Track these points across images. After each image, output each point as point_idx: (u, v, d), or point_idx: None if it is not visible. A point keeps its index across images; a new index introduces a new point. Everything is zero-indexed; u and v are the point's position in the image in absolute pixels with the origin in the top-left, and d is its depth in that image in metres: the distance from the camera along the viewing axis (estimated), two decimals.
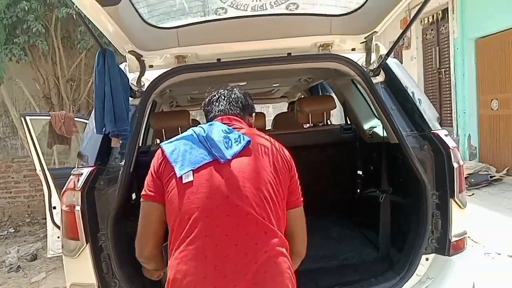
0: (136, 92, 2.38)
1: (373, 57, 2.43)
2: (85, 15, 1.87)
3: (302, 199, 1.65)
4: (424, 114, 2.34)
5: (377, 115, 2.71)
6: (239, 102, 1.77)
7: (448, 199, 2.21)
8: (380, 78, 2.45)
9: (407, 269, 2.21)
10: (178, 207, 1.47)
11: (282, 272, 1.44)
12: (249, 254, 1.40)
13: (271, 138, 1.68)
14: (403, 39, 10.43)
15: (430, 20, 9.56)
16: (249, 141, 1.57)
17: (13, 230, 7.91)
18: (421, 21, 9.94)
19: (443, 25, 9.21)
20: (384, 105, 2.35)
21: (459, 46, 8.46)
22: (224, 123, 1.67)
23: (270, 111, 14.02)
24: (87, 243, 2.06)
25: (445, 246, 2.20)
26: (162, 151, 1.61)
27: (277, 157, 1.59)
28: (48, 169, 4.30)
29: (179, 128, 3.13)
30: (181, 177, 1.50)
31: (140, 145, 3.13)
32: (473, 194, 7.19)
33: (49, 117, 4.94)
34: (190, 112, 6.26)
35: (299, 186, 1.64)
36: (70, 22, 7.20)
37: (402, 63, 10.28)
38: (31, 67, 8.03)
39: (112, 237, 2.09)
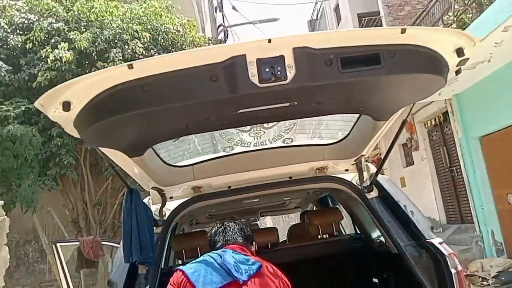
0: (158, 221, 2.71)
1: (365, 175, 2.75)
2: (114, 162, 2.27)
3: None
4: (418, 225, 2.57)
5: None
6: (243, 232, 2.12)
7: None
8: (374, 193, 2.74)
9: None
10: None
11: None
12: None
13: (271, 264, 2.02)
14: (411, 142, 10.89)
15: (434, 122, 10.07)
16: (260, 266, 1.91)
17: None
18: (425, 124, 10.47)
19: (446, 127, 9.68)
20: (381, 218, 2.60)
21: (465, 145, 8.78)
22: (235, 251, 1.99)
23: (292, 217, 14.22)
24: None
25: None
26: (183, 273, 1.92)
27: (280, 279, 1.93)
28: None
29: (198, 248, 3.38)
30: None
31: (162, 267, 3.36)
32: None
33: (78, 243, 5.22)
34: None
35: None
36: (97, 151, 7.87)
37: (413, 164, 10.63)
38: (61, 194, 8.59)
39: None
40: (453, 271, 2.36)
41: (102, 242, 5.38)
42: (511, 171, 7.84)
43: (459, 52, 1.60)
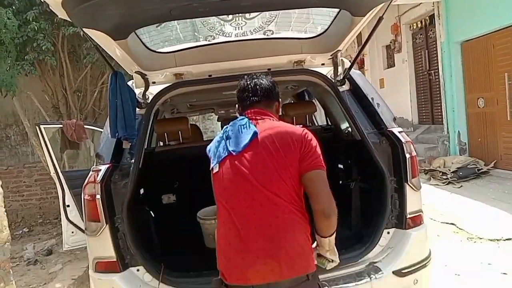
0: (142, 104, 2.86)
1: (340, 70, 2.89)
2: (99, 45, 2.35)
3: (320, 163, 1.92)
4: (382, 115, 2.79)
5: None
6: (271, 89, 2.09)
7: (403, 183, 2.66)
8: (346, 87, 2.92)
9: (371, 241, 2.67)
10: (214, 190, 2.00)
11: (294, 230, 1.85)
12: (264, 220, 1.84)
13: (280, 124, 2.03)
14: (395, 44, 10.89)
15: (419, 25, 10.01)
16: (255, 133, 1.93)
17: (27, 230, 8.42)
18: (410, 27, 10.41)
19: (431, 30, 9.66)
20: (349, 109, 2.81)
21: (446, 49, 8.88)
22: (248, 117, 2.01)
23: None
24: (106, 224, 2.50)
25: (403, 221, 2.67)
26: None
27: (280, 140, 1.91)
28: (61, 172, 4.69)
29: (179, 132, 3.60)
30: (212, 169, 2.01)
31: (145, 147, 3.61)
32: (461, 186, 7.57)
33: (61, 125, 5.35)
34: (191, 117, 6.74)
35: (314, 154, 1.92)
36: (75, 38, 7.71)
37: (394, 66, 10.75)
38: (40, 80, 8.54)
39: (126, 221, 2.53)
40: (407, 155, 2.65)
41: (85, 126, 5.53)
42: (485, 77, 8.11)
43: None
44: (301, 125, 3.90)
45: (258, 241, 1.84)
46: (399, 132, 2.75)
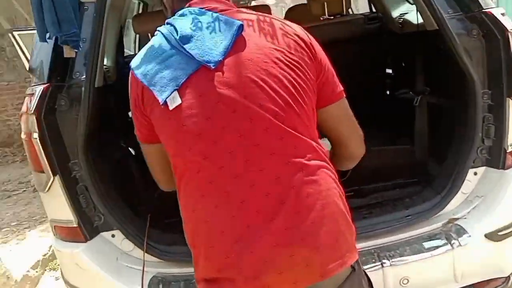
0: None
1: None
2: None
3: (342, 88, 1.19)
4: None
5: None
6: None
7: (504, 99, 1.71)
8: None
9: (449, 186, 1.77)
10: (174, 139, 1.06)
11: (329, 186, 1.06)
12: (281, 178, 1.01)
13: (263, 15, 1.14)
14: None
15: None
16: (241, 26, 1.05)
17: None
18: None
19: None
20: None
21: None
22: (200, 9, 1.09)
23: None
24: (54, 176, 1.72)
25: (499, 157, 1.75)
26: (133, 74, 1.12)
27: (288, 41, 1.07)
28: None
29: None
30: (165, 104, 1.04)
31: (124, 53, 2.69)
32: None
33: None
34: None
35: (331, 74, 1.16)
36: None
37: None
38: None
39: (89, 166, 1.73)
40: None
41: None
42: None
43: None
44: (335, 15, 2.90)
45: (277, 217, 0.97)
46: (502, 14, 1.71)
